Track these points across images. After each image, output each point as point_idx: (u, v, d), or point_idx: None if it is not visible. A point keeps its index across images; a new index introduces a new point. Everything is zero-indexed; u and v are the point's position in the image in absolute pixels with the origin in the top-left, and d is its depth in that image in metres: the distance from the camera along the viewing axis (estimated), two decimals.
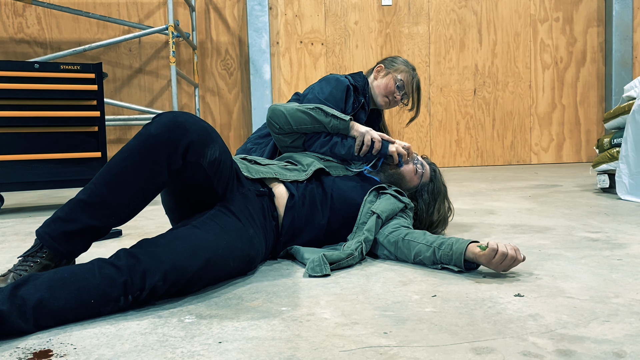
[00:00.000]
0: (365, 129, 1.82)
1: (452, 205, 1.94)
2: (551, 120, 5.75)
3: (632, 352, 0.89)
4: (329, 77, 2.07)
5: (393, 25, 5.48)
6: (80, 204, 1.21)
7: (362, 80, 2.15)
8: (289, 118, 1.81)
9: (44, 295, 1.03)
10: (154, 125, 1.24)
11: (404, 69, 2.14)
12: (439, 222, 1.87)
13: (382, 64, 2.18)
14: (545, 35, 5.67)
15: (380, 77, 2.15)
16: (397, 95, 2.13)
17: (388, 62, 2.18)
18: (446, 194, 1.92)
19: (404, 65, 2.16)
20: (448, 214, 1.92)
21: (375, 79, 2.16)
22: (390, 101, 2.15)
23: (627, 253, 1.61)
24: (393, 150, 1.83)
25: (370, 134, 1.81)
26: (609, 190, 3.08)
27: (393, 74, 2.13)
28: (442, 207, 1.88)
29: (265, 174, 1.61)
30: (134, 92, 5.20)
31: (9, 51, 4.99)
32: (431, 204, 1.86)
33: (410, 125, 5.54)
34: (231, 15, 5.31)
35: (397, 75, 2.12)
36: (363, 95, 2.12)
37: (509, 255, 1.32)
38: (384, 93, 2.14)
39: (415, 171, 1.86)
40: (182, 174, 1.30)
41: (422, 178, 1.87)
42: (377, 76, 2.17)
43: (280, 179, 1.63)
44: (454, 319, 1.06)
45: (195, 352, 0.93)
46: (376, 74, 2.17)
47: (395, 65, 2.15)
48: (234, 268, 1.34)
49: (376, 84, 2.15)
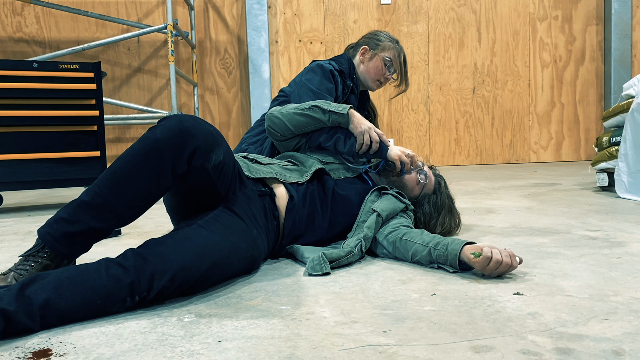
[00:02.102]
0: (366, 127, 1.74)
1: (459, 219, 1.89)
2: (550, 118, 5.76)
3: (631, 350, 0.89)
4: (313, 66, 2.01)
5: (392, 24, 5.47)
6: (83, 206, 1.21)
7: (346, 63, 2.08)
8: (288, 124, 1.77)
9: (50, 295, 1.04)
10: (160, 130, 1.24)
11: (389, 46, 2.08)
12: (442, 234, 1.81)
13: (365, 45, 2.11)
14: (544, 33, 5.67)
15: (367, 60, 2.09)
16: (388, 75, 2.09)
17: (372, 42, 2.11)
18: (452, 207, 1.86)
19: (389, 42, 2.09)
20: (454, 227, 1.86)
21: (362, 63, 2.10)
22: (382, 83, 2.11)
23: (626, 251, 1.61)
24: (395, 158, 1.77)
25: (370, 133, 1.75)
26: (608, 189, 3.08)
27: (380, 55, 2.07)
28: (447, 221, 1.82)
29: (266, 173, 1.60)
30: (133, 91, 5.19)
31: (8, 50, 4.98)
32: (433, 215, 1.80)
33: (410, 124, 5.54)
34: (230, 14, 5.30)
35: (385, 54, 2.06)
36: (350, 78, 2.06)
37: (503, 262, 1.31)
38: (374, 77, 2.09)
39: (417, 181, 1.81)
40: (186, 178, 1.30)
41: (424, 189, 1.82)
42: (363, 59, 2.10)
43: (280, 179, 1.62)
44: (453, 318, 1.06)
45: (194, 351, 0.93)
46: (362, 57, 2.11)
47: (380, 44, 2.09)
48: (239, 268, 1.34)
49: (365, 69, 2.09)
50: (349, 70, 2.07)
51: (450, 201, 1.87)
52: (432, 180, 1.86)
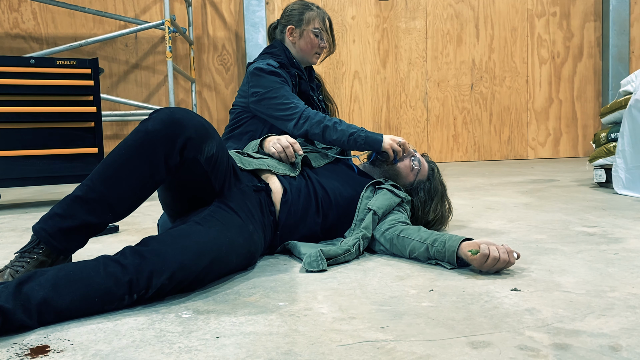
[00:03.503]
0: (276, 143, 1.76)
1: (451, 206, 1.90)
2: (548, 115, 5.76)
3: (628, 345, 0.89)
4: (253, 72, 1.96)
5: (390, 20, 5.47)
6: (77, 200, 1.21)
7: (282, 52, 2.05)
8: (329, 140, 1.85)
9: (48, 293, 1.03)
10: (151, 122, 1.24)
11: (313, 16, 2.05)
12: (435, 221, 1.83)
13: (289, 24, 2.07)
14: (542, 30, 5.67)
15: (298, 39, 2.06)
16: (323, 45, 2.07)
17: (295, 20, 2.07)
18: (444, 194, 1.87)
19: (310, 11, 2.06)
20: (447, 214, 1.87)
21: (294, 43, 2.07)
22: (319, 53, 2.09)
23: (624, 247, 1.61)
24: (387, 148, 1.80)
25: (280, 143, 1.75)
26: (605, 185, 3.09)
27: (308, 28, 2.04)
28: (439, 207, 1.84)
29: (259, 165, 1.61)
30: (131, 87, 5.18)
31: (5, 46, 4.96)
32: (427, 202, 1.82)
33: (408, 121, 5.54)
34: (228, 10, 5.29)
35: (312, 27, 2.04)
36: (292, 65, 2.04)
37: (500, 259, 1.31)
38: (311, 52, 2.07)
39: (411, 168, 1.83)
40: (179, 170, 1.30)
41: (419, 175, 1.84)
42: (293, 40, 2.07)
43: (273, 171, 1.63)
44: (451, 314, 1.06)
45: (192, 347, 0.93)
46: (292, 38, 2.07)
47: (303, 17, 2.06)
48: (237, 264, 1.34)
49: (299, 48, 2.07)
50: (287, 59, 2.04)
51: (443, 188, 1.88)
52: (425, 166, 1.87)
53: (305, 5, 2.09)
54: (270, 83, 1.93)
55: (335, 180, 1.70)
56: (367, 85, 5.47)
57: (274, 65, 1.97)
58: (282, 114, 1.90)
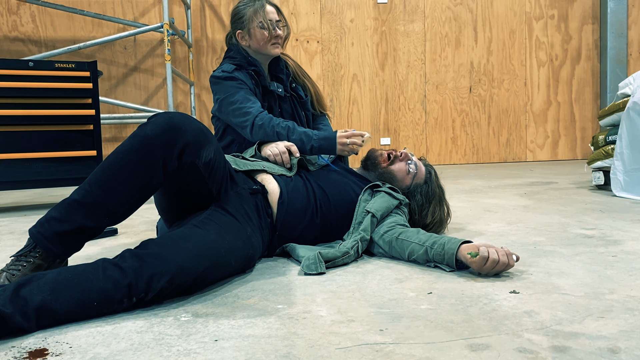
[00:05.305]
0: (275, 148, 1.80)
1: (450, 209, 1.89)
2: (546, 117, 5.77)
3: (627, 347, 0.89)
4: (210, 80, 2.00)
5: (389, 22, 5.48)
6: (74, 204, 1.20)
7: (238, 54, 2.04)
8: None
9: (46, 297, 1.03)
10: (149, 126, 1.24)
11: (251, 12, 2.01)
12: (433, 225, 1.82)
13: (237, 29, 2.05)
14: (540, 32, 5.68)
15: (249, 40, 2.04)
16: (274, 33, 2.02)
17: (239, 23, 2.05)
18: (442, 198, 1.86)
19: (248, 8, 2.02)
20: (445, 217, 1.86)
21: (249, 45, 2.04)
22: (279, 43, 2.05)
23: (622, 249, 1.61)
24: (340, 149, 1.83)
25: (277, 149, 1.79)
26: (603, 187, 3.09)
27: (252, 26, 2.01)
28: (437, 211, 1.82)
29: (254, 166, 1.61)
30: (129, 90, 5.18)
31: (3, 49, 4.96)
32: (424, 206, 1.80)
33: (406, 123, 5.54)
34: (226, 13, 5.29)
35: (256, 22, 2.00)
36: (250, 64, 2.02)
37: (500, 261, 1.31)
38: (267, 45, 2.02)
39: (407, 171, 1.81)
40: (177, 175, 1.30)
41: (415, 179, 1.82)
42: (246, 42, 2.05)
43: (268, 171, 1.63)
44: (450, 316, 1.07)
45: (191, 350, 0.93)
46: (244, 41, 2.05)
47: (244, 18, 2.02)
48: (235, 267, 1.34)
49: (254, 47, 2.04)
50: (244, 58, 2.03)
51: (441, 191, 1.87)
52: (422, 169, 1.85)
53: (244, 3, 2.06)
54: (227, 89, 1.94)
55: (333, 182, 1.71)
56: (365, 88, 5.48)
57: (229, 70, 1.97)
58: (239, 121, 1.92)
